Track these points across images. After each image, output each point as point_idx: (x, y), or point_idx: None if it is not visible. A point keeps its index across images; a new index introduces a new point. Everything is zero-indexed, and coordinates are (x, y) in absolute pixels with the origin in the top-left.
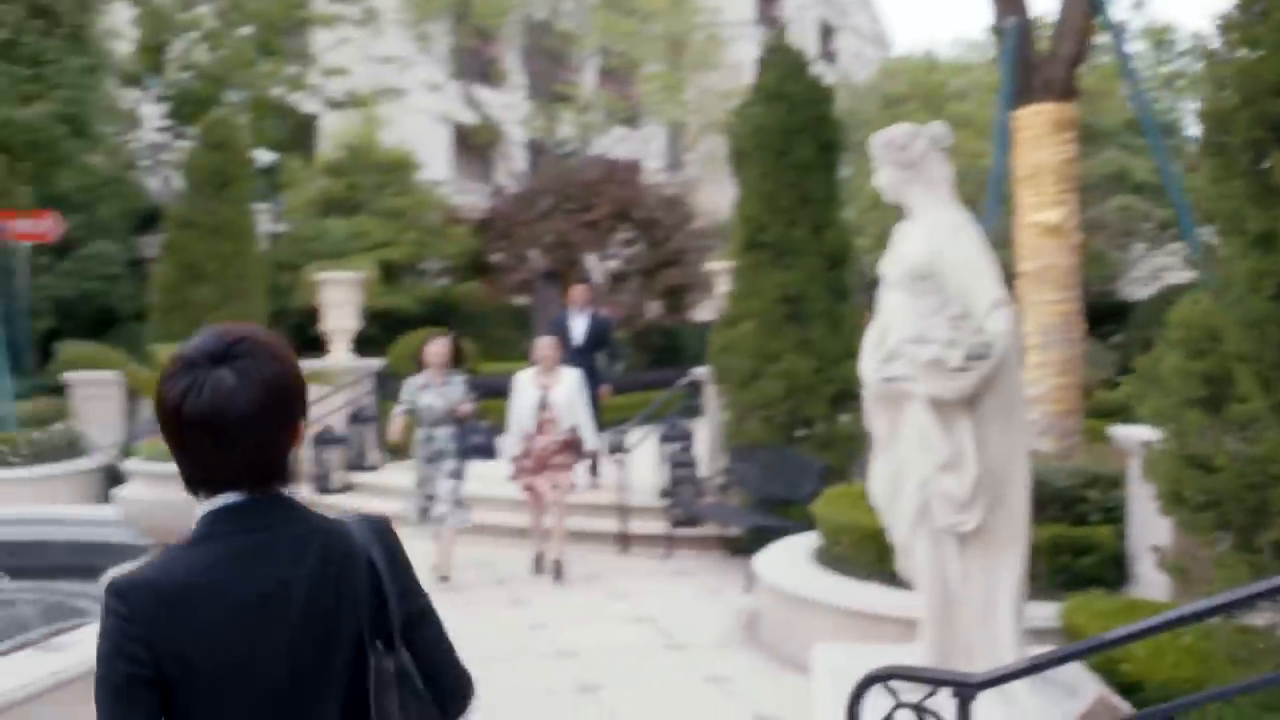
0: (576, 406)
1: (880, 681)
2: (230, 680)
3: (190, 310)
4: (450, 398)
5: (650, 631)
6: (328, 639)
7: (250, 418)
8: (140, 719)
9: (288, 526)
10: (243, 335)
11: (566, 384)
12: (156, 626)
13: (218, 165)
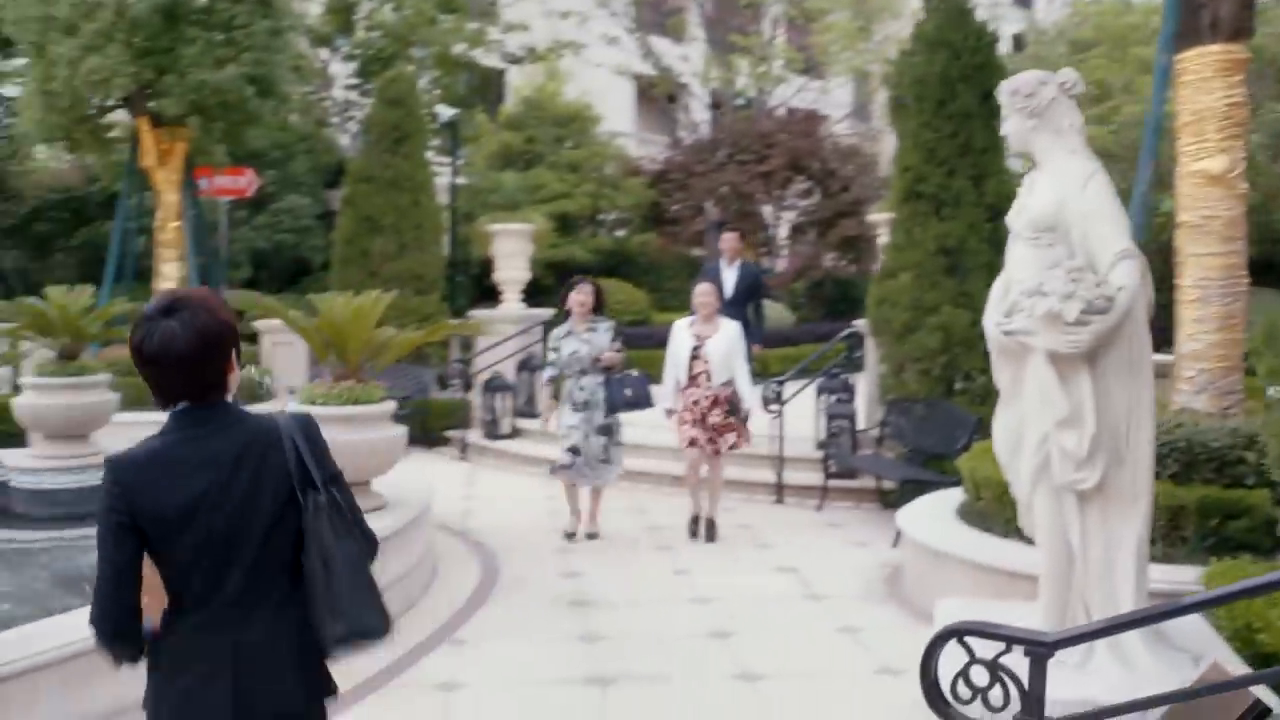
0: (734, 360)
1: (955, 637)
2: (182, 525)
3: (368, 261)
4: (596, 345)
5: (791, 581)
6: (254, 491)
7: (186, 354)
8: (126, 555)
9: (224, 421)
10: (185, 295)
11: (724, 335)
12: (132, 489)
13: (395, 121)
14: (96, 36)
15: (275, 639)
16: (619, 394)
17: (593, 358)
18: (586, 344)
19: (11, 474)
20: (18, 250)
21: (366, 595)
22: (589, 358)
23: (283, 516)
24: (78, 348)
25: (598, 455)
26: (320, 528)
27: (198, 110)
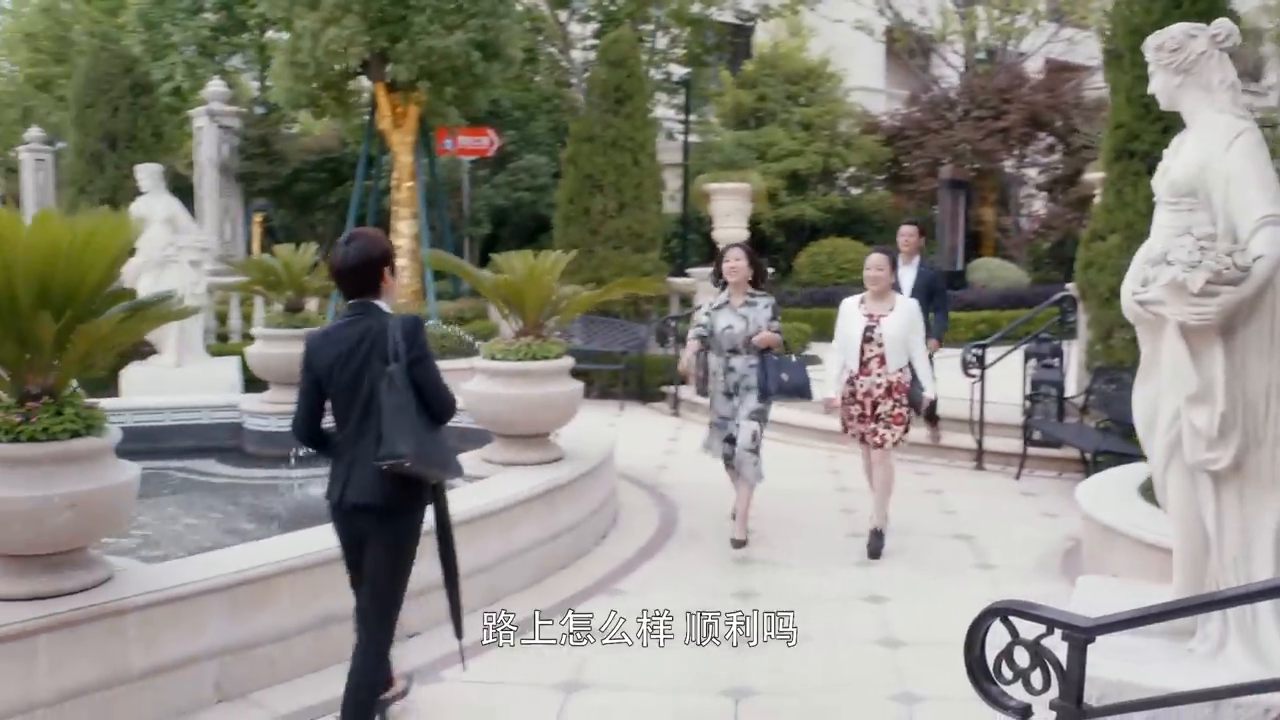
0: (912, 344)
1: (1000, 616)
2: (329, 377)
3: (589, 219)
4: (752, 320)
5: (964, 550)
6: (365, 361)
7: (350, 267)
8: (310, 395)
9: (366, 314)
10: (359, 231)
11: (901, 313)
12: (311, 352)
13: (616, 81)
14: (335, 9)
15: (368, 457)
16: (774, 378)
17: (747, 336)
18: (743, 319)
19: (245, 417)
20: (283, 209)
21: (401, 432)
22: (742, 336)
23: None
24: (301, 301)
25: (746, 445)
26: (380, 387)
27: (427, 75)
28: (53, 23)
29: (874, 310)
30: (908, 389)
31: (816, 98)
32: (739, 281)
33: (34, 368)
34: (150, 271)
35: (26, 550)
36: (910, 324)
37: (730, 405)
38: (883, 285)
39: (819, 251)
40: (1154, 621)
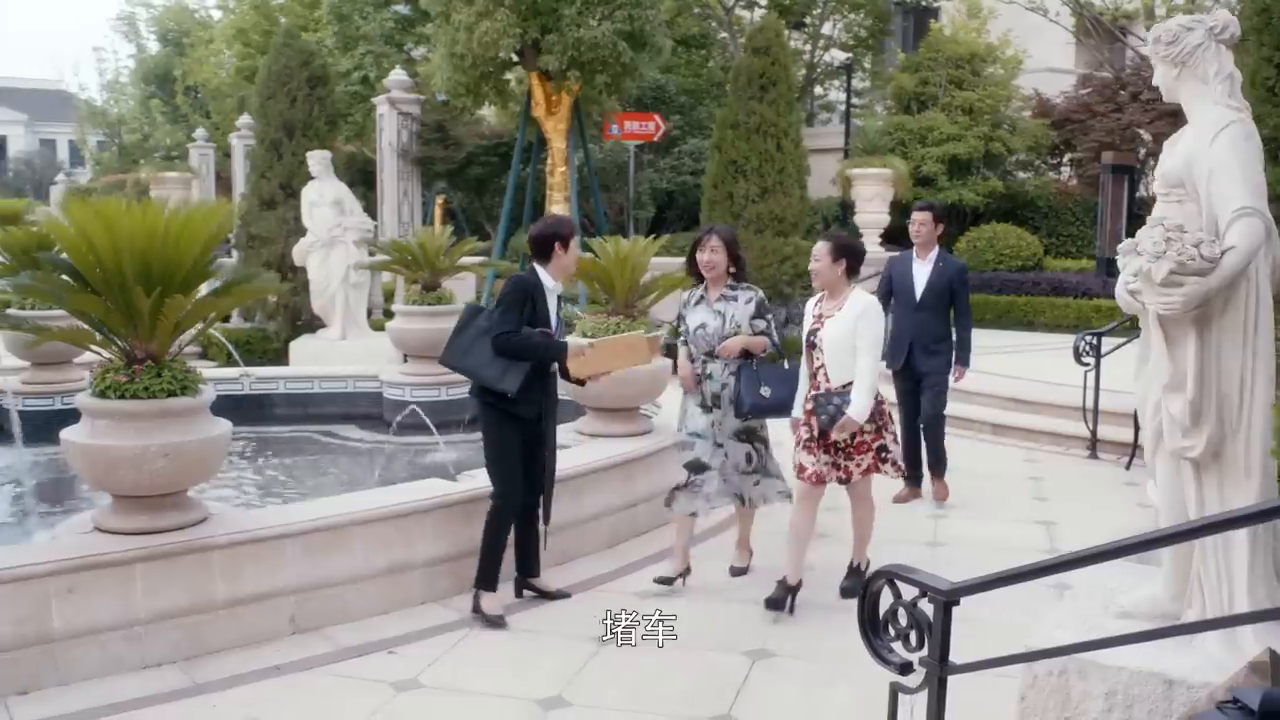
0: (860, 350)
1: (886, 578)
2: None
3: (732, 204)
4: (730, 318)
5: (1038, 535)
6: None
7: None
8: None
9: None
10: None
11: (845, 314)
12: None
13: (761, 69)
14: (489, 3)
15: None
16: (750, 391)
17: (722, 336)
18: (718, 317)
19: (385, 387)
20: (459, 192)
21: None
22: (718, 336)
23: None
24: (436, 280)
25: (739, 466)
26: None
27: (577, 65)
28: (261, 18)
29: (824, 310)
30: (873, 412)
31: (981, 81)
32: (716, 274)
33: (138, 336)
34: (318, 251)
35: (132, 491)
36: (855, 326)
37: (705, 421)
38: (826, 279)
39: (978, 237)
40: (1006, 584)
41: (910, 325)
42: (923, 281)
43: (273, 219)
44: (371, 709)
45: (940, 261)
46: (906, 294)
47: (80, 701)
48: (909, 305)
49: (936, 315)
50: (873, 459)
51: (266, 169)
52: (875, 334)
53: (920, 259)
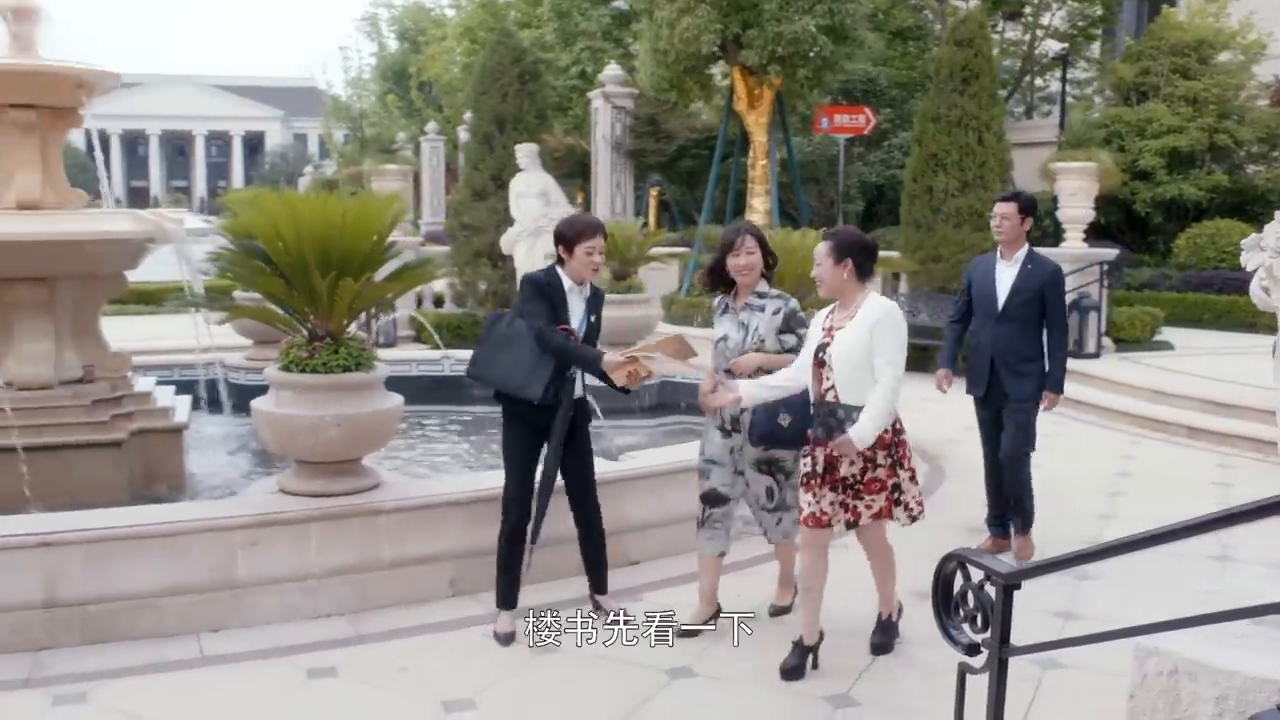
0: (877, 368)
1: (956, 561)
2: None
3: (931, 197)
4: (754, 330)
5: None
6: None
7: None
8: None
9: None
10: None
11: (859, 325)
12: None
13: (963, 61)
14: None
15: None
16: (765, 417)
17: (745, 351)
18: (742, 329)
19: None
20: (672, 184)
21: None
22: (739, 350)
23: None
24: (626, 269)
25: (759, 500)
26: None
27: (777, 60)
28: (488, 15)
29: (835, 322)
30: (889, 442)
31: (1208, 70)
32: (750, 279)
33: (318, 315)
34: (525, 240)
35: (309, 457)
36: (870, 337)
37: (724, 447)
38: (831, 286)
39: (1199, 234)
40: (1065, 568)
41: (990, 341)
42: (1006, 287)
43: (484, 209)
44: (511, 667)
45: (1029, 263)
46: (987, 303)
47: (260, 642)
48: (989, 316)
49: (1024, 328)
50: (886, 501)
51: (479, 161)
52: (896, 345)
53: (1005, 260)
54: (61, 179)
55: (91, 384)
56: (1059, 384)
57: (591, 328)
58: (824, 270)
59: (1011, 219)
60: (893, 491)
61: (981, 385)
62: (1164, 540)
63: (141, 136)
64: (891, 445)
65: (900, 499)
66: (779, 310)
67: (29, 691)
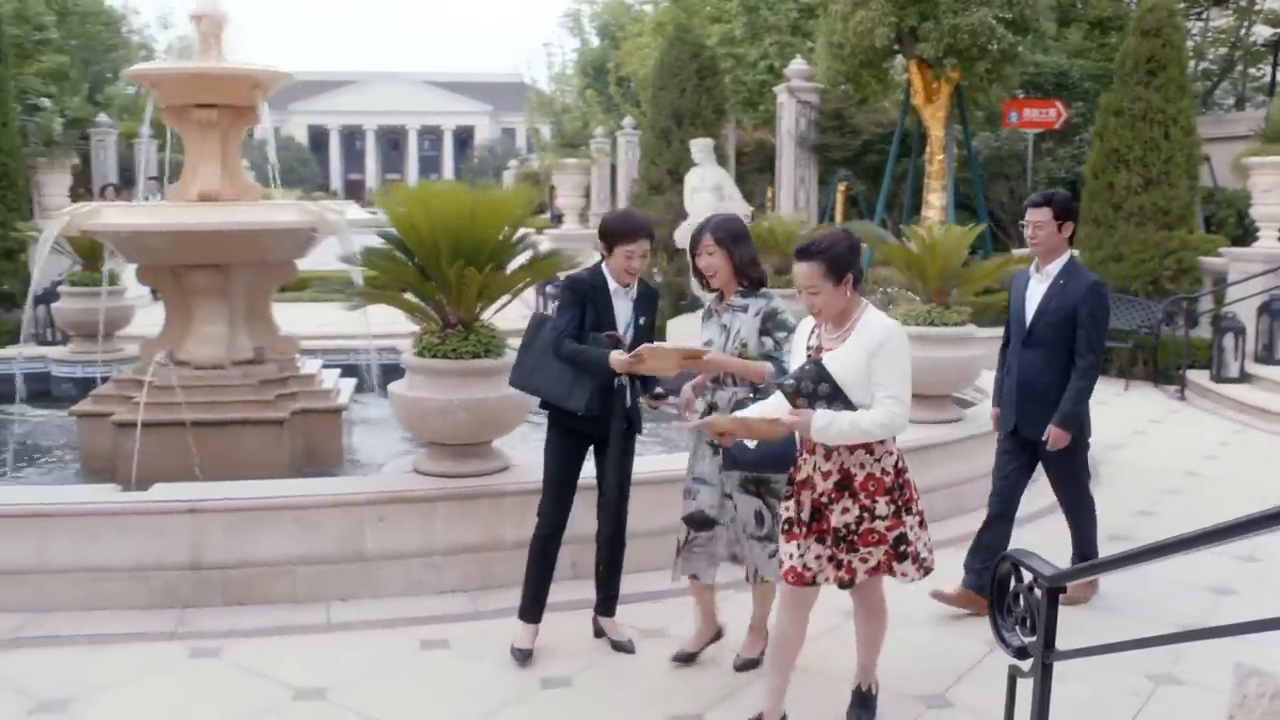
0: (880, 400)
1: (1010, 561)
2: None
3: (1112, 194)
4: (735, 334)
5: None
6: None
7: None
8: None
9: None
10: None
11: (856, 347)
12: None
13: (1149, 52)
14: None
15: None
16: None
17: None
18: (724, 332)
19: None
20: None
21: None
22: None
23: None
24: (787, 263)
25: (748, 527)
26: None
27: (954, 52)
28: (680, 10)
29: (824, 342)
30: (890, 486)
31: None
32: (722, 279)
33: (450, 303)
34: None
35: (439, 439)
36: (869, 368)
37: (714, 465)
38: (824, 307)
39: None
40: (1113, 568)
41: (1017, 368)
42: (1034, 304)
43: (660, 203)
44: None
45: (1063, 277)
46: (1016, 323)
47: (384, 612)
48: (1018, 338)
49: (1054, 355)
50: (886, 554)
51: (656, 155)
52: (900, 376)
53: (1038, 274)
54: (239, 173)
55: (261, 365)
56: (1066, 418)
57: (640, 330)
58: (824, 298)
59: (1046, 226)
60: (896, 544)
61: (1010, 419)
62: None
63: (358, 131)
64: (894, 489)
65: (906, 550)
66: (760, 311)
67: (172, 643)
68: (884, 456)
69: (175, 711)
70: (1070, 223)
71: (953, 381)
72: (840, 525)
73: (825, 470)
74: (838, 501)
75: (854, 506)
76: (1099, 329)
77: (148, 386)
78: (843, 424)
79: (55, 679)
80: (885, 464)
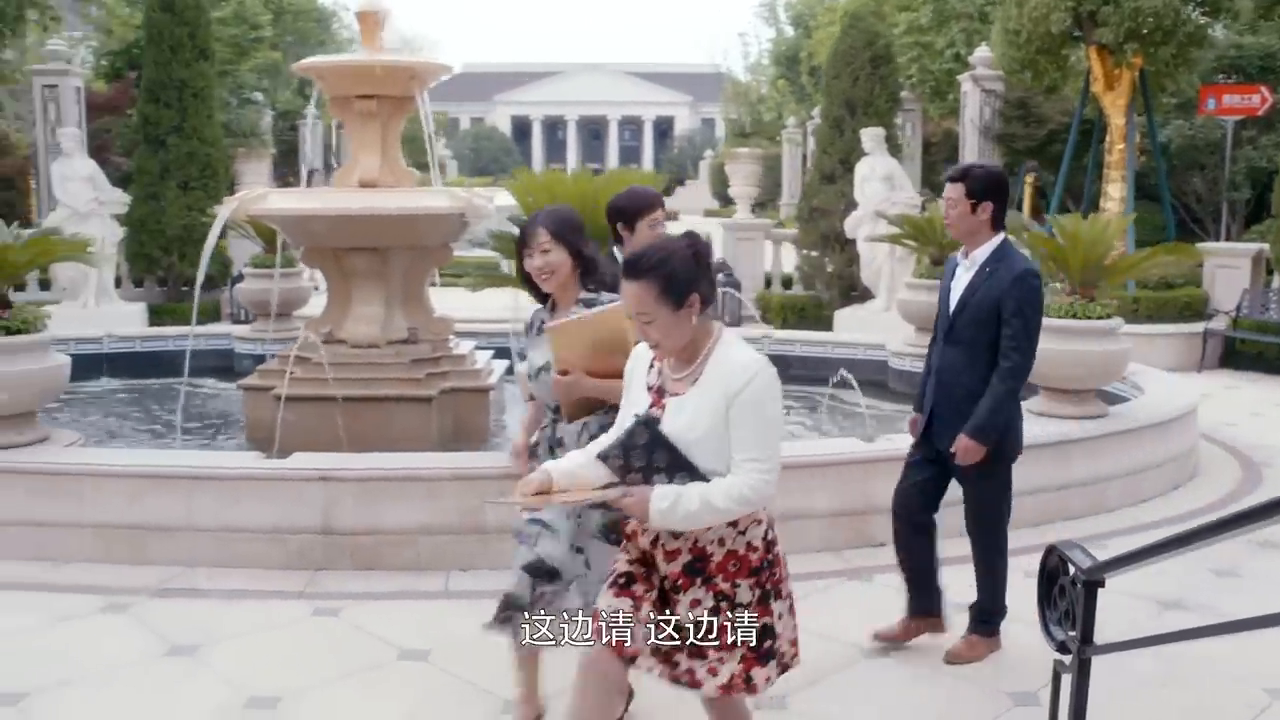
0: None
1: (1056, 553)
2: None
3: None
4: None
5: None
6: None
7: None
8: None
9: None
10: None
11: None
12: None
13: None
14: None
15: None
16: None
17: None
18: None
19: (890, 357)
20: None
21: None
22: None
23: None
24: (944, 255)
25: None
26: None
27: (1135, 37)
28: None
29: (669, 384)
30: (757, 565)
31: None
32: (563, 283)
33: None
34: (867, 223)
35: None
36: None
37: (560, 509)
38: (663, 340)
39: None
40: (1151, 556)
41: (936, 368)
42: (958, 295)
43: (832, 192)
44: None
45: (990, 265)
46: (940, 316)
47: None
48: (941, 333)
49: (974, 353)
50: (742, 664)
51: (828, 145)
52: (765, 432)
53: (965, 260)
54: (398, 161)
55: (414, 344)
56: (980, 430)
57: None
58: (661, 326)
59: (958, 205)
60: (761, 638)
61: (921, 422)
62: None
63: (560, 122)
64: (762, 568)
65: (772, 647)
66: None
67: (298, 601)
68: (750, 527)
69: (286, 661)
70: (990, 203)
71: (1096, 376)
72: (688, 624)
73: (672, 549)
74: (686, 590)
75: (708, 595)
76: (1028, 325)
77: (300, 362)
78: (691, 503)
79: (190, 627)
80: (753, 536)
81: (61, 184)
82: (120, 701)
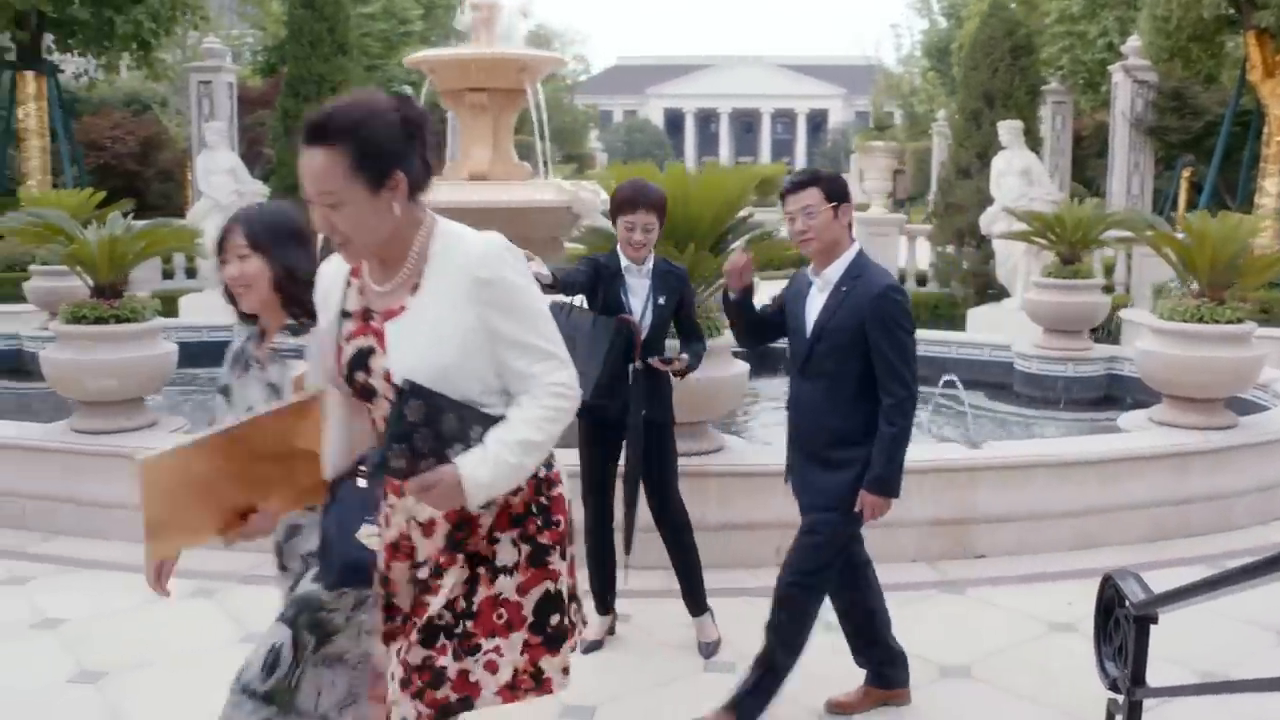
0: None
1: (1111, 584)
2: None
3: None
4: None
5: None
6: None
7: None
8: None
9: None
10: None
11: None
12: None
13: None
14: None
15: None
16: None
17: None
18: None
19: (1016, 359)
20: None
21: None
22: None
23: None
24: (1075, 253)
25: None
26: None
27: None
28: None
29: (374, 301)
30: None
31: None
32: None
33: None
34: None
35: None
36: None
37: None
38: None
39: None
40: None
41: (794, 406)
42: (812, 319)
43: (968, 187)
44: None
45: (846, 284)
46: (795, 344)
47: None
48: (796, 366)
49: (836, 388)
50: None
51: (965, 138)
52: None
53: (818, 279)
54: (509, 153)
55: None
56: (881, 482)
57: (660, 310)
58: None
59: (819, 212)
60: (543, 613)
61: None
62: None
63: (713, 115)
64: (527, 514)
65: (562, 625)
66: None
67: None
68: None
69: None
70: (849, 206)
71: (1225, 384)
72: (436, 612)
73: (426, 520)
74: (448, 570)
75: (461, 569)
76: (903, 351)
77: None
78: (509, 455)
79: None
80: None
81: (205, 176)
82: (188, 685)
